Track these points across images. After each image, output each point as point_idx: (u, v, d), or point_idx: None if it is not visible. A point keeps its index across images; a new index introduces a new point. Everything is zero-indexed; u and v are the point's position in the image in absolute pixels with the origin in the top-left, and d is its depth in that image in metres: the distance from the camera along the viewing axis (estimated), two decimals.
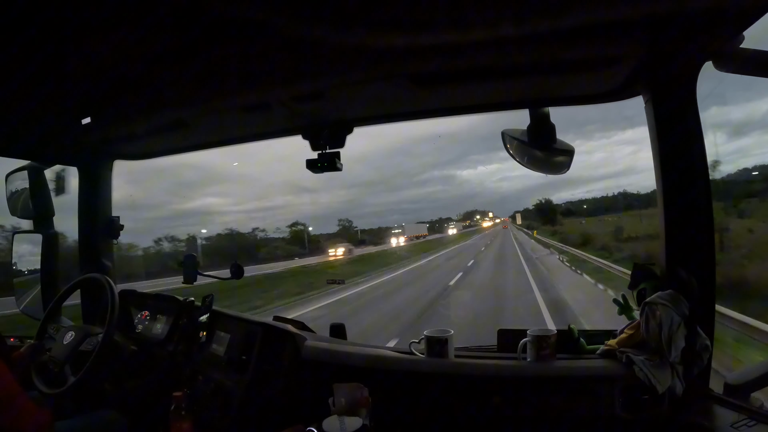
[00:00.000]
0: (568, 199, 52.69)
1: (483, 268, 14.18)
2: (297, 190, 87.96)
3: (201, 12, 0.81)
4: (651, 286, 1.08)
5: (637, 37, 0.87)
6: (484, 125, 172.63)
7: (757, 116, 13.12)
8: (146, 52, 0.97)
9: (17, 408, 1.08)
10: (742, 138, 13.42)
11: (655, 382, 1.00)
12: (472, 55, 0.92)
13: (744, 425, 0.89)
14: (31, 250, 1.76)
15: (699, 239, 1.04)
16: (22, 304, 1.79)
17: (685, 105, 1.03)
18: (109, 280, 1.48)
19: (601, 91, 1.16)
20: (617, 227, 23.85)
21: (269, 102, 1.19)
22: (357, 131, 1.37)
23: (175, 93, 1.17)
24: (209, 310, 1.56)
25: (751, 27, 0.83)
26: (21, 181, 1.73)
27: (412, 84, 1.08)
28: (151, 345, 1.56)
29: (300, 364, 1.36)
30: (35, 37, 0.88)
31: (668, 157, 1.06)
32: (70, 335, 1.39)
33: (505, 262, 15.92)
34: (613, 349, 1.12)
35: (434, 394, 1.19)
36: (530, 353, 1.16)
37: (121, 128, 1.45)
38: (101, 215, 1.81)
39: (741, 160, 28.86)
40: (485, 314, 6.78)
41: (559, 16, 0.73)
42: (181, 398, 1.17)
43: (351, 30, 0.77)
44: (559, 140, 1.21)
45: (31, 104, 1.23)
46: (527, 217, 64.56)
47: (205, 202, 65.14)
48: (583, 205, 52.80)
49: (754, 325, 3.95)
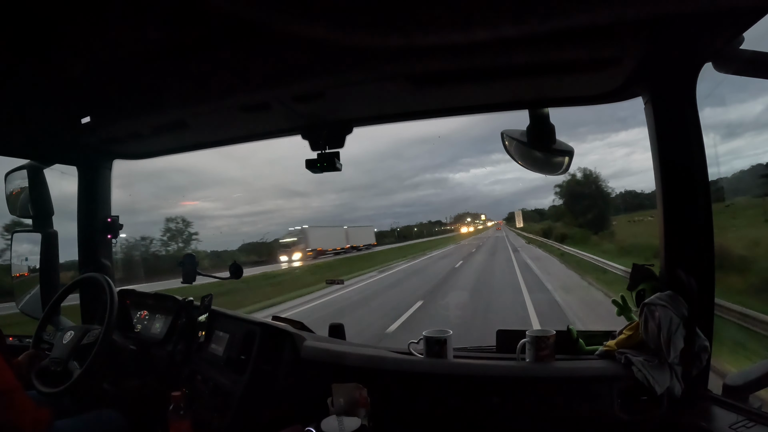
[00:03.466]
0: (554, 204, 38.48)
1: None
2: (288, 194, 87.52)
3: (201, 12, 0.81)
4: (650, 287, 1.09)
5: (637, 38, 0.87)
6: (476, 128, 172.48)
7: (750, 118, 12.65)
8: (146, 52, 0.97)
9: (15, 404, 1.08)
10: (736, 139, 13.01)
11: (653, 383, 1.00)
12: (472, 56, 0.92)
13: (742, 426, 0.90)
14: (31, 249, 1.76)
15: (698, 240, 1.04)
16: (21, 303, 1.79)
17: (684, 106, 1.03)
18: (108, 279, 1.48)
19: (601, 92, 1.16)
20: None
21: (269, 102, 1.19)
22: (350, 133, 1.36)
23: (174, 92, 1.17)
24: (208, 309, 1.56)
25: (750, 28, 0.83)
26: (20, 180, 1.73)
27: (411, 84, 1.08)
28: (150, 344, 1.56)
29: (299, 364, 1.36)
30: (35, 35, 0.88)
31: (668, 158, 1.06)
32: (69, 334, 1.39)
33: None
34: (611, 350, 1.12)
35: (433, 395, 1.19)
36: (529, 354, 1.16)
37: (120, 127, 1.45)
38: (100, 214, 1.81)
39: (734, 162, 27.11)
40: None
41: (558, 16, 0.73)
42: (179, 398, 1.17)
43: (351, 30, 0.77)
44: (559, 141, 1.21)
45: (31, 103, 1.23)
46: (530, 217, 50.13)
47: (195, 207, 64.93)
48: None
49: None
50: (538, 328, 1.19)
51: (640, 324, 1.04)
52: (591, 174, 24.18)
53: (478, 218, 64.23)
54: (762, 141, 11.55)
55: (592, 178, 24.16)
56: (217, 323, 1.56)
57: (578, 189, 23.92)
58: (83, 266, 1.79)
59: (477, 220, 61.23)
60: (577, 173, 24.19)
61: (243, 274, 1.65)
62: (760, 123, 12.60)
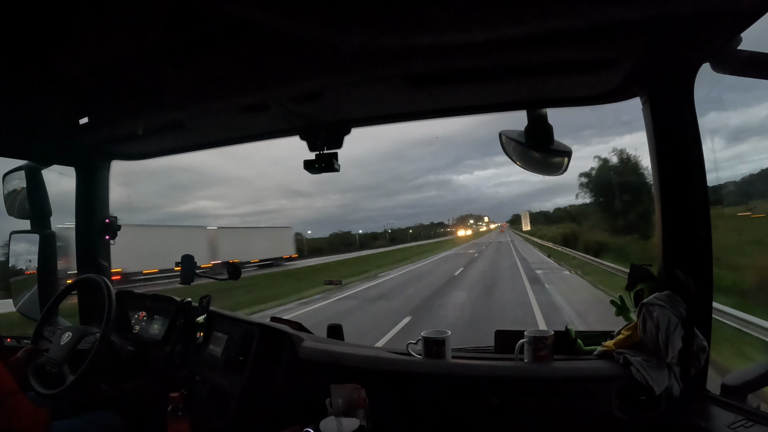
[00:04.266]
0: (572, 203, 33.69)
1: None
2: (291, 194, 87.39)
3: (199, 13, 0.81)
4: (648, 287, 1.09)
5: (635, 39, 0.87)
6: (479, 129, 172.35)
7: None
8: (144, 53, 0.97)
9: (13, 406, 1.08)
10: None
11: (652, 383, 1.00)
12: (470, 56, 0.92)
13: (741, 426, 0.90)
14: (29, 249, 1.76)
15: (696, 240, 1.04)
16: (19, 305, 1.79)
17: (682, 106, 1.03)
18: (106, 280, 1.48)
19: (599, 92, 1.16)
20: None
21: (267, 102, 1.19)
22: (350, 134, 1.37)
23: (172, 93, 1.17)
24: (206, 310, 1.56)
25: (748, 29, 0.84)
26: (18, 180, 1.73)
27: (409, 85, 1.08)
28: (148, 346, 1.56)
29: (297, 364, 1.36)
30: (33, 36, 0.88)
31: (666, 158, 1.06)
32: (67, 335, 1.39)
33: None
34: (610, 350, 1.12)
35: (431, 395, 1.19)
36: (527, 354, 1.16)
37: (118, 128, 1.45)
38: (99, 215, 1.81)
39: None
40: None
41: (556, 17, 0.73)
42: (178, 399, 1.17)
43: (349, 31, 0.77)
44: (557, 141, 1.21)
45: (29, 104, 1.23)
46: (536, 219, 42.84)
47: (198, 205, 64.46)
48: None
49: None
50: (537, 329, 1.19)
51: (639, 324, 1.04)
52: (629, 159, 18.16)
53: (481, 220, 63.13)
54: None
55: (630, 164, 17.97)
56: (215, 324, 1.55)
57: (614, 179, 18.02)
58: (81, 267, 1.78)
59: (480, 222, 59.78)
60: (612, 157, 18.82)
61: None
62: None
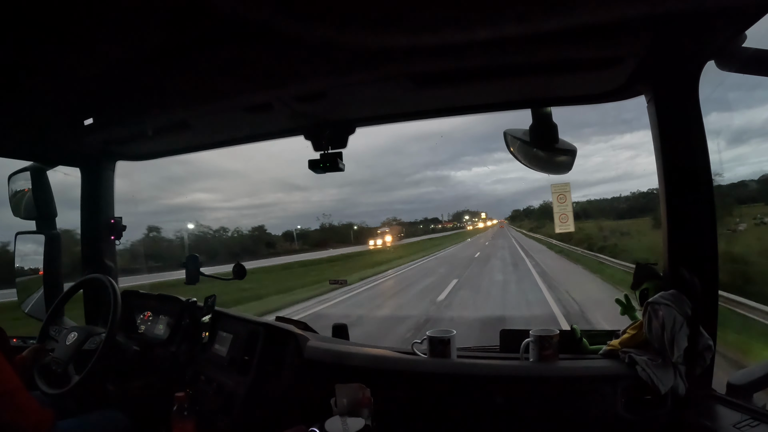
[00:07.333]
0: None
1: None
2: (288, 188, 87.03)
3: (203, 12, 0.81)
4: (653, 286, 1.08)
5: (639, 36, 0.87)
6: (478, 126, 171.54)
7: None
8: (148, 53, 0.97)
9: (17, 404, 1.08)
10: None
11: (657, 382, 0.99)
12: (474, 55, 0.92)
13: (747, 425, 0.89)
14: (35, 250, 1.77)
15: (702, 238, 1.04)
16: (26, 305, 1.80)
17: (687, 104, 1.03)
18: (111, 280, 1.49)
19: (604, 91, 1.15)
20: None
21: (271, 102, 1.20)
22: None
23: (177, 94, 1.18)
24: (211, 310, 1.56)
25: (753, 26, 0.83)
26: (24, 181, 1.74)
27: (414, 84, 1.08)
28: (154, 345, 1.57)
29: (302, 364, 1.36)
30: (37, 37, 0.89)
31: (670, 156, 1.06)
32: (72, 335, 1.40)
33: None
34: (615, 349, 1.11)
35: (437, 395, 1.19)
36: (533, 353, 1.16)
37: (123, 129, 1.45)
38: (104, 216, 1.82)
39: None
40: None
41: (561, 15, 0.73)
42: (183, 399, 1.17)
43: (353, 30, 0.77)
44: (562, 140, 1.21)
45: (34, 105, 1.23)
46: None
47: (194, 198, 64.28)
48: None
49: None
50: (542, 328, 1.19)
51: (644, 323, 1.04)
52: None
53: (477, 216, 60.10)
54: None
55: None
56: (220, 324, 1.56)
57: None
58: (87, 267, 1.79)
59: (475, 218, 56.42)
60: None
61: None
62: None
